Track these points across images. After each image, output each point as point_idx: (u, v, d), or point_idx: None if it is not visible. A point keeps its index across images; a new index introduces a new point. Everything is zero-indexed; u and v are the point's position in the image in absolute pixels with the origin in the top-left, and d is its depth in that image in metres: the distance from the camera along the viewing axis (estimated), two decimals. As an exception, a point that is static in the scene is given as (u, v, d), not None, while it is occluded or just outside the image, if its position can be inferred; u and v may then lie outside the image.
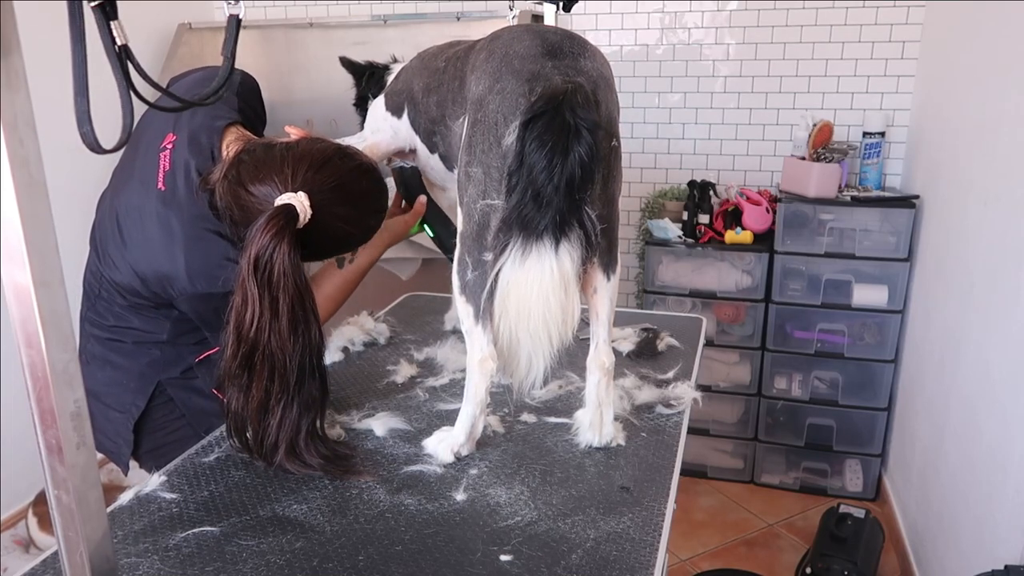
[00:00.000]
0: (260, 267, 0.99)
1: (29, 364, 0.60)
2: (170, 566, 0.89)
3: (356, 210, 1.15)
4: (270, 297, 1.00)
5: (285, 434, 1.05)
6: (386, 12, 3.00)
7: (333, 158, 1.14)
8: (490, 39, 1.08)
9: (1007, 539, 1.51)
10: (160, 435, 1.36)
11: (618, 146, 1.05)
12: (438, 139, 1.24)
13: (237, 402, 1.04)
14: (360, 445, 1.16)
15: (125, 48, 0.66)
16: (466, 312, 1.05)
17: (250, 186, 1.09)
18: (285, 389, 1.03)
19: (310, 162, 1.10)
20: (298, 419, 1.05)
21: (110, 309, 1.32)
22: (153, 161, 1.26)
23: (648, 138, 2.93)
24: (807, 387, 2.66)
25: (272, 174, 1.08)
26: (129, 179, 1.27)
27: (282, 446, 1.05)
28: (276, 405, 1.04)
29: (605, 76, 1.03)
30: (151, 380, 1.34)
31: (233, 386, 1.04)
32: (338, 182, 1.11)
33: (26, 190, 0.57)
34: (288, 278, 1.00)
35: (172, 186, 1.23)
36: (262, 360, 1.02)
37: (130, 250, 1.24)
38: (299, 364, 1.04)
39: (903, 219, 2.42)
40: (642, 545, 0.91)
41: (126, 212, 1.25)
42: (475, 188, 1.02)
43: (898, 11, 2.57)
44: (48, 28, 1.23)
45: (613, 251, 1.08)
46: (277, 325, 1.01)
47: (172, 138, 1.27)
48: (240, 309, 1.01)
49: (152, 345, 1.33)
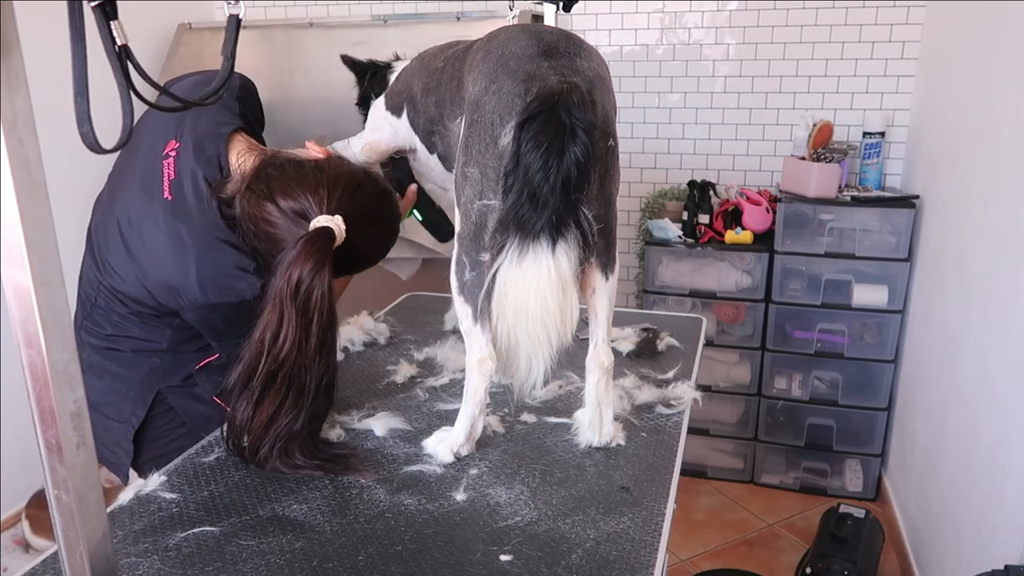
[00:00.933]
0: (300, 290, 1.02)
1: (29, 364, 0.60)
2: (170, 566, 0.89)
3: (380, 232, 1.21)
4: (305, 320, 1.02)
5: (281, 442, 1.06)
6: (386, 12, 3.00)
7: (364, 183, 1.18)
8: (487, 39, 1.08)
9: (1007, 539, 1.51)
10: (161, 444, 1.34)
11: (615, 146, 1.04)
12: (437, 139, 1.24)
13: (244, 413, 1.05)
14: (360, 445, 1.16)
15: (125, 48, 0.66)
16: (464, 312, 1.05)
17: (281, 202, 1.12)
18: (298, 406, 1.05)
19: (344, 185, 1.14)
20: (300, 431, 1.06)
21: (108, 318, 1.29)
22: (156, 169, 1.22)
23: (648, 138, 2.93)
24: (807, 387, 2.66)
25: (307, 193, 1.11)
26: (130, 186, 1.24)
27: (276, 454, 1.06)
28: (283, 418, 1.05)
29: (602, 76, 1.03)
30: (151, 389, 1.32)
31: (244, 398, 1.04)
32: (368, 206, 1.16)
33: (26, 190, 0.57)
34: (325, 302, 1.03)
35: (179, 196, 1.20)
36: (284, 378, 1.03)
37: (136, 261, 1.21)
38: (317, 384, 1.06)
39: (903, 219, 2.42)
40: (642, 545, 0.91)
41: (128, 222, 1.21)
42: (472, 189, 1.02)
43: (898, 11, 2.57)
44: (48, 28, 1.22)
45: (611, 251, 1.08)
46: (306, 347, 1.03)
47: (175, 145, 1.24)
48: (274, 329, 1.02)
49: (152, 353, 1.31)
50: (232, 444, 1.08)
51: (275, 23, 2.91)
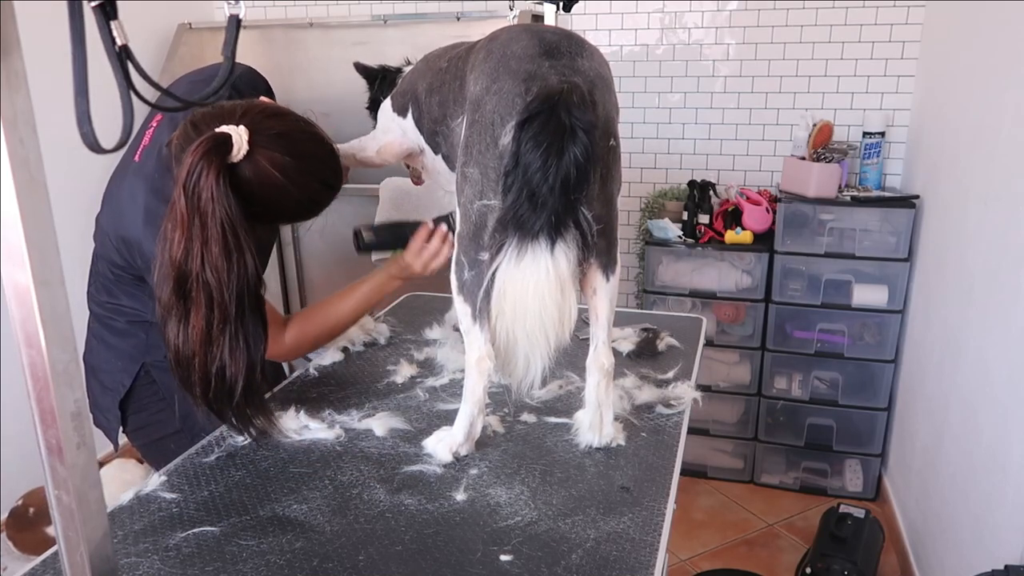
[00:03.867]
0: (188, 189, 1.00)
1: (29, 364, 0.60)
2: (170, 566, 0.89)
3: (297, 164, 1.12)
4: (200, 224, 1.01)
5: (240, 368, 1.05)
6: (386, 12, 3.00)
7: (289, 115, 1.16)
8: (489, 39, 1.08)
9: (1007, 539, 1.51)
10: (144, 415, 1.40)
11: (616, 146, 1.04)
12: (440, 139, 1.24)
13: (178, 335, 1.04)
14: (360, 445, 1.16)
15: (125, 48, 0.66)
16: (464, 312, 1.05)
17: (201, 126, 1.10)
18: (226, 319, 1.04)
19: (263, 108, 1.13)
20: (248, 353, 1.06)
21: (104, 284, 1.36)
22: (140, 135, 1.33)
23: (648, 138, 2.93)
24: (807, 387, 2.66)
25: (223, 116, 1.09)
26: (123, 153, 1.33)
27: (240, 383, 1.06)
28: (220, 336, 1.04)
29: (603, 76, 1.03)
30: (136, 361, 1.38)
31: (171, 317, 1.04)
32: (284, 131, 1.12)
33: (26, 190, 0.57)
34: (216, 203, 1.01)
35: (145, 159, 1.29)
36: (197, 288, 1.02)
37: (108, 217, 1.31)
38: (238, 294, 1.04)
39: (903, 219, 2.42)
40: (642, 545, 0.91)
41: (110, 183, 1.34)
42: (472, 188, 1.02)
43: (898, 11, 2.57)
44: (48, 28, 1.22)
45: (612, 251, 1.07)
46: (209, 253, 1.01)
47: (159, 118, 1.34)
48: (170, 233, 1.02)
49: (140, 326, 1.36)
50: (184, 378, 1.07)
51: (275, 23, 2.91)
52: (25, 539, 2.29)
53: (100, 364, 1.41)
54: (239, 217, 1.03)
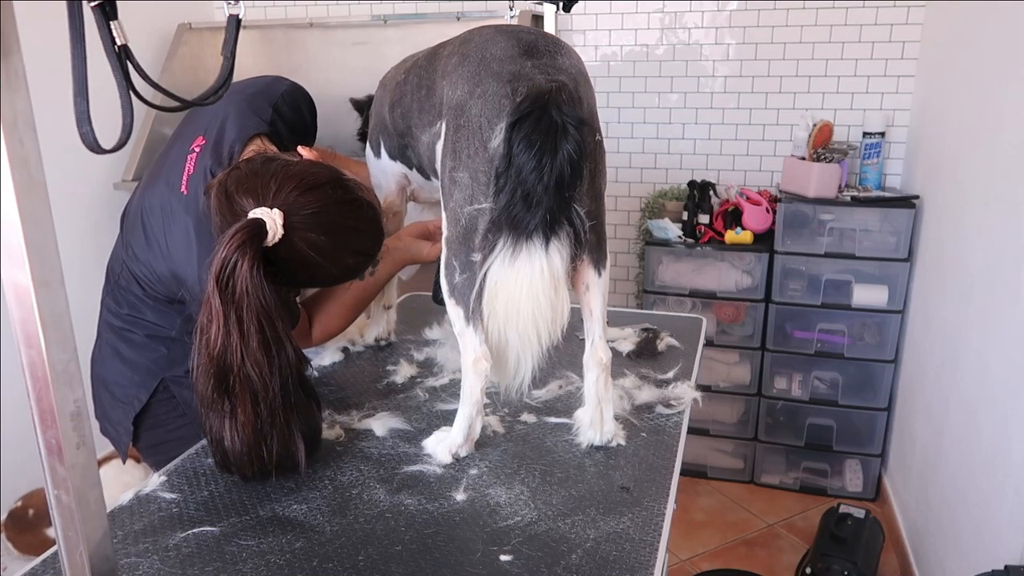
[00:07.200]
0: (223, 280, 0.96)
1: (29, 364, 0.60)
2: (170, 566, 0.89)
3: (332, 242, 1.07)
4: (236, 316, 0.96)
5: (298, 448, 1.04)
6: (386, 12, 3.00)
7: (325, 185, 1.07)
8: (461, 42, 1.07)
9: (1007, 539, 1.51)
10: (161, 432, 1.37)
11: (601, 140, 1.05)
12: (410, 153, 1.23)
13: (226, 431, 1.00)
14: (360, 445, 1.16)
15: (125, 48, 0.66)
16: (456, 314, 1.05)
17: (236, 196, 1.05)
18: (274, 412, 1.00)
19: (298, 182, 1.05)
20: (304, 435, 1.05)
21: (126, 298, 1.33)
22: (181, 163, 1.26)
23: (648, 138, 2.93)
24: (807, 387, 2.66)
25: (257, 187, 1.04)
26: (159, 176, 1.28)
27: (302, 460, 1.05)
28: (271, 430, 1.01)
29: (583, 72, 1.05)
30: (156, 376, 1.34)
31: (213, 413, 1.00)
32: (320, 209, 1.05)
33: (26, 190, 0.57)
34: (251, 296, 0.96)
35: (194, 191, 1.22)
36: (240, 383, 0.98)
37: (151, 248, 1.25)
38: (282, 386, 1.00)
39: (903, 219, 2.42)
40: (642, 545, 0.91)
41: (150, 210, 1.26)
42: (461, 193, 1.01)
43: (898, 11, 2.57)
44: (48, 28, 1.23)
45: (602, 246, 1.08)
46: (248, 348, 0.97)
47: (201, 141, 1.27)
48: (205, 325, 0.97)
49: (161, 341, 1.34)
50: (228, 468, 1.04)
51: (275, 23, 2.91)
52: (25, 541, 2.29)
53: (113, 377, 1.36)
54: (276, 308, 0.99)
